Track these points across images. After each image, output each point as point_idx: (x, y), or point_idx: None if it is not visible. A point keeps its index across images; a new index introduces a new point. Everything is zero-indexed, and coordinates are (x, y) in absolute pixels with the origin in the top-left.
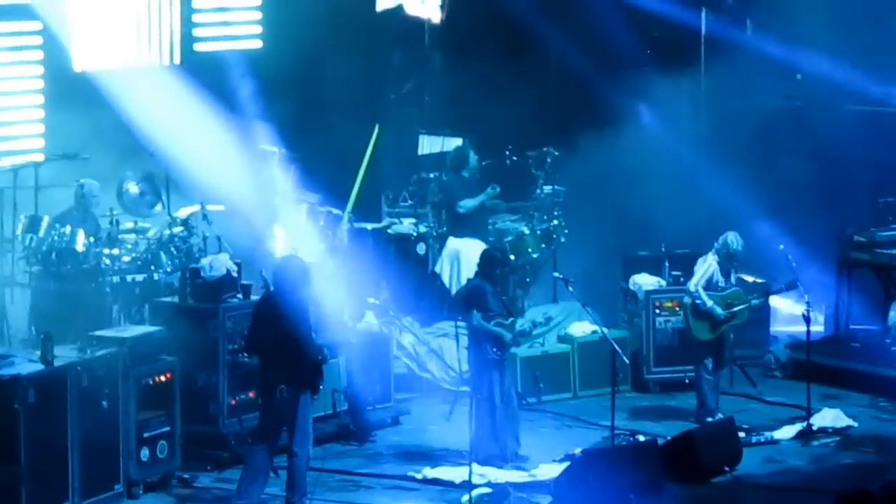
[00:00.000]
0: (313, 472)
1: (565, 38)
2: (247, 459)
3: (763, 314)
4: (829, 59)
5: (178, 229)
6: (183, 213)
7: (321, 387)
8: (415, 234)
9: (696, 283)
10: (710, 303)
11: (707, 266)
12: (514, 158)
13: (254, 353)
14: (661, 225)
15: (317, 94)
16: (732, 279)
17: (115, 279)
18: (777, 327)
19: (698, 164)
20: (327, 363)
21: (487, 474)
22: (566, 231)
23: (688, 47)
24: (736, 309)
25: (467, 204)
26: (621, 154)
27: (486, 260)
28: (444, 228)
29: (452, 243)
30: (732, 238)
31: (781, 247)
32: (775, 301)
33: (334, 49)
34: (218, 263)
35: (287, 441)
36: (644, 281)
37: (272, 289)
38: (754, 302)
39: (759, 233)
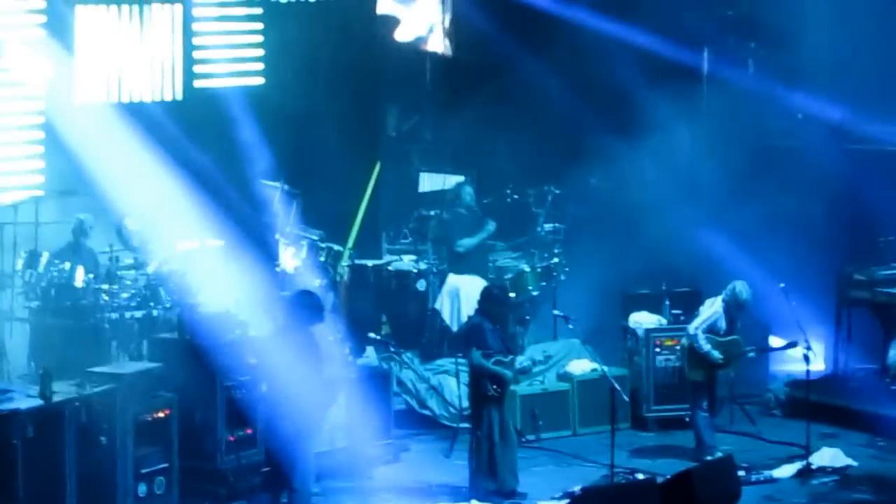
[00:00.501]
0: None
1: (567, 77)
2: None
3: (763, 355)
4: (829, 97)
5: (177, 265)
6: (182, 248)
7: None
8: (415, 270)
9: (696, 325)
10: (707, 347)
11: (713, 311)
12: (515, 196)
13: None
14: (661, 263)
15: (318, 130)
16: (738, 325)
17: (114, 315)
18: (776, 366)
19: (698, 202)
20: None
21: None
22: (566, 268)
23: (689, 86)
24: (731, 357)
25: (465, 243)
26: (622, 192)
27: (486, 297)
28: (445, 265)
29: (452, 280)
30: (741, 288)
31: (782, 285)
32: (774, 340)
33: (335, 85)
34: (216, 299)
35: (289, 476)
36: (644, 319)
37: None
38: (750, 354)
39: (760, 273)
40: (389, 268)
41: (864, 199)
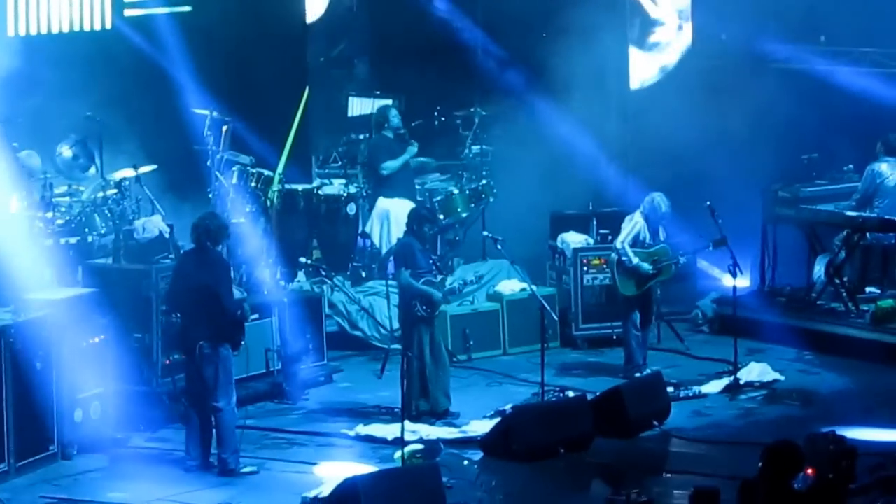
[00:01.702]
0: (247, 430)
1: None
2: (187, 421)
3: (690, 270)
4: (752, 19)
5: (111, 192)
6: (116, 175)
7: (243, 343)
8: (345, 194)
9: (622, 239)
10: (635, 259)
11: (633, 224)
12: (443, 119)
13: (176, 310)
14: (588, 184)
15: (247, 57)
16: (661, 236)
17: (49, 242)
18: (704, 283)
19: (624, 123)
20: (247, 320)
21: (419, 431)
22: (495, 190)
23: (613, 10)
24: (662, 265)
25: (389, 165)
26: (548, 114)
27: (414, 217)
28: (374, 189)
29: (382, 203)
30: (659, 199)
31: (707, 203)
32: (702, 258)
33: (264, 12)
34: (151, 225)
35: (209, 396)
36: (572, 239)
37: (192, 245)
38: (681, 260)
39: (685, 191)
40: (319, 192)
41: (788, 117)
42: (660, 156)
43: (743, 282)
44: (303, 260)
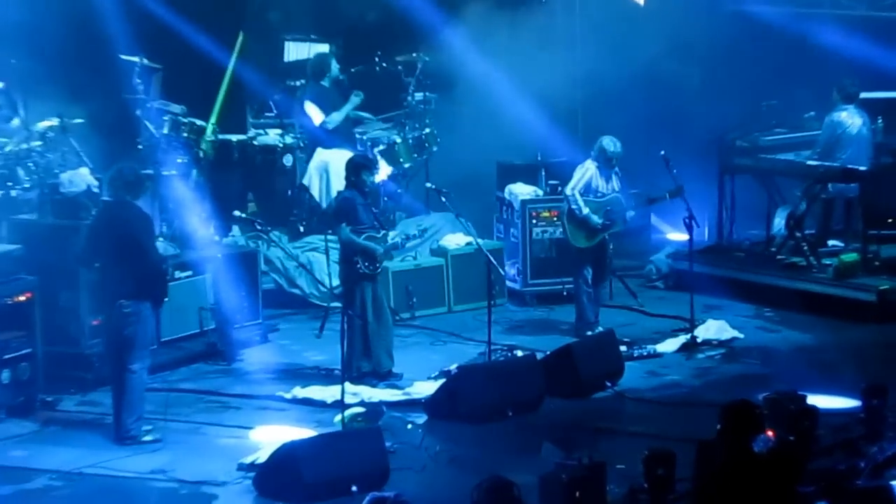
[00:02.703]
0: (180, 393)
1: None
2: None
3: (643, 223)
4: None
5: (35, 144)
6: (41, 126)
7: (166, 300)
8: (281, 145)
9: (572, 186)
10: (585, 209)
11: (584, 171)
12: (384, 65)
13: (90, 264)
14: (536, 133)
15: (177, 1)
16: (615, 185)
17: None
18: (658, 236)
19: (573, 67)
20: (171, 276)
21: (360, 393)
22: (439, 140)
23: None
24: (614, 216)
25: (333, 119)
26: (494, 59)
27: (353, 167)
28: (311, 139)
29: (320, 155)
30: (608, 141)
31: (662, 153)
32: (657, 212)
33: None
34: (78, 178)
35: (124, 357)
36: (520, 190)
37: (109, 198)
38: (631, 212)
39: (638, 140)
40: (254, 143)
41: (747, 62)
42: (612, 103)
43: (699, 235)
44: (237, 214)
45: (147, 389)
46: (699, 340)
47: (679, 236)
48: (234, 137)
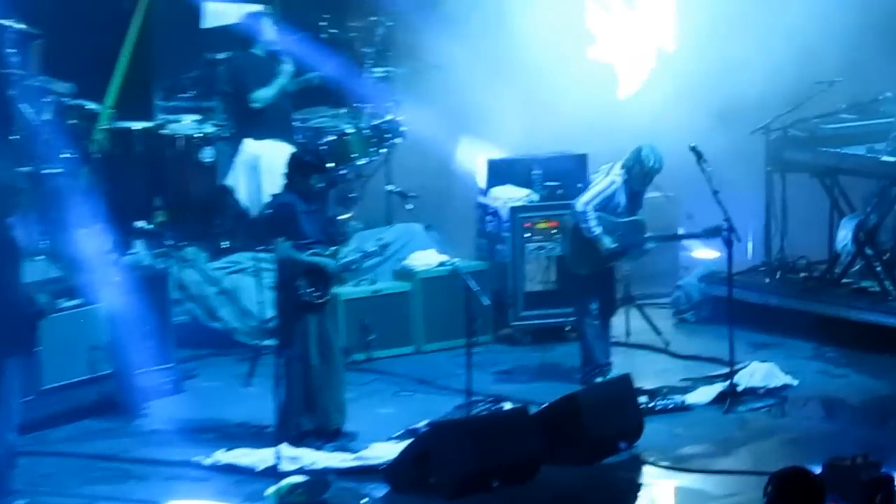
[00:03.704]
0: (65, 458)
1: None
2: None
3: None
4: None
5: None
6: None
7: (37, 349)
8: (199, 135)
9: (587, 200)
10: (598, 230)
11: (609, 183)
12: (333, 31)
13: None
14: (533, 118)
15: None
16: (641, 202)
17: None
18: (687, 254)
19: (584, 34)
20: (46, 316)
21: (301, 458)
22: (403, 129)
23: None
24: (630, 244)
25: (262, 95)
26: (477, 25)
27: (295, 166)
28: (238, 128)
29: (250, 147)
30: (648, 152)
31: (692, 146)
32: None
33: None
34: None
35: None
36: (509, 194)
37: None
38: (649, 245)
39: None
40: (164, 132)
41: (801, 25)
42: None
43: (741, 253)
44: (141, 225)
45: (17, 454)
46: (741, 389)
47: (715, 254)
48: (137, 125)
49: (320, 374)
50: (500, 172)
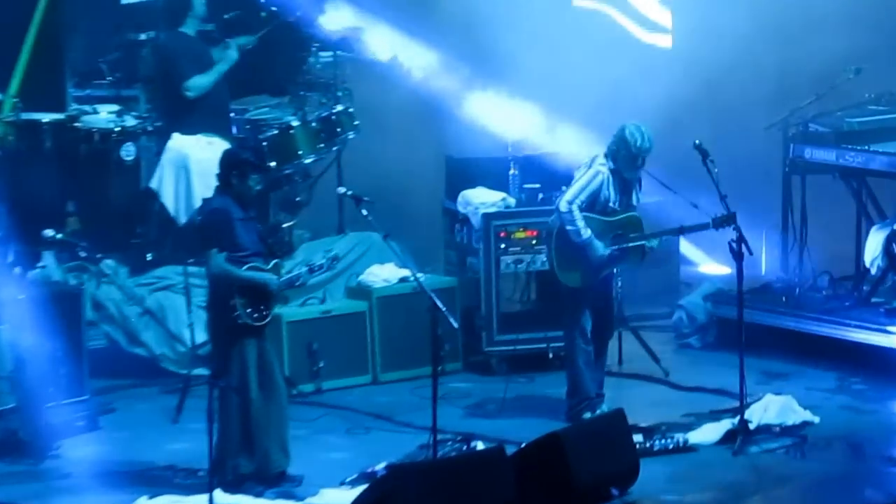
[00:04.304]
0: None
1: None
2: None
3: (669, 249)
4: None
5: None
6: None
7: None
8: (117, 129)
9: (570, 198)
10: (587, 232)
11: (593, 175)
12: (274, 8)
13: None
14: (508, 114)
15: None
16: (635, 197)
17: None
18: (690, 269)
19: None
20: None
21: None
22: (357, 122)
23: None
24: (629, 245)
25: (197, 83)
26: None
27: (230, 165)
28: (165, 120)
29: (178, 144)
30: (633, 131)
31: (696, 142)
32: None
33: None
34: None
35: None
36: (481, 198)
37: None
38: (651, 243)
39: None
40: (77, 125)
41: (818, 5)
42: None
43: (753, 268)
44: (50, 233)
45: None
46: (753, 426)
47: (722, 269)
48: (46, 117)
49: (261, 409)
50: (472, 172)
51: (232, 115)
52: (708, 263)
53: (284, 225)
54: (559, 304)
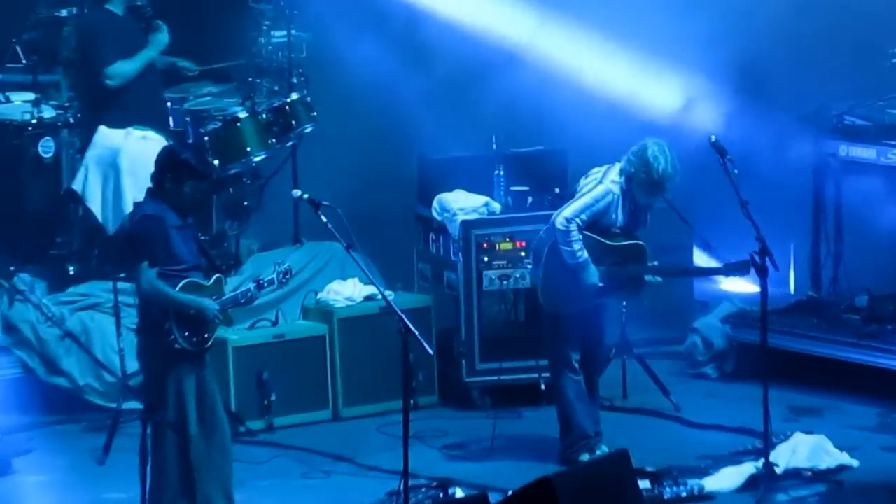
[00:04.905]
0: None
1: None
2: None
3: (681, 261)
4: None
5: None
6: None
7: None
8: (34, 120)
9: (571, 215)
10: (583, 255)
11: (602, 194)
12: None
13: None
14: (491, 102)
15: None
16: (643, 221)
17: None
18: (708, 285)
19: None
20: None
21: None
22: (315, 113)
23: None
24: (625, 277)
25: (121, 70)
26: None
27: (166, 166)
28: (90, 111)
29: (106, 138)
30: (657, 152)
31: (712, 137)
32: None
33: None
34: None
35: None
36: (460, 203)
37: None
38: (652, 278)
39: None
40: None
41: None
42: None
43: (779, 284)
44: None
45: None
46: (781, 470)
47: (743, 286)
48: None
49: (201, 449)
50: (449, 172)
51: (168, 104)
52: (726, 279)
53: (230, 234)
54: (546, 327)
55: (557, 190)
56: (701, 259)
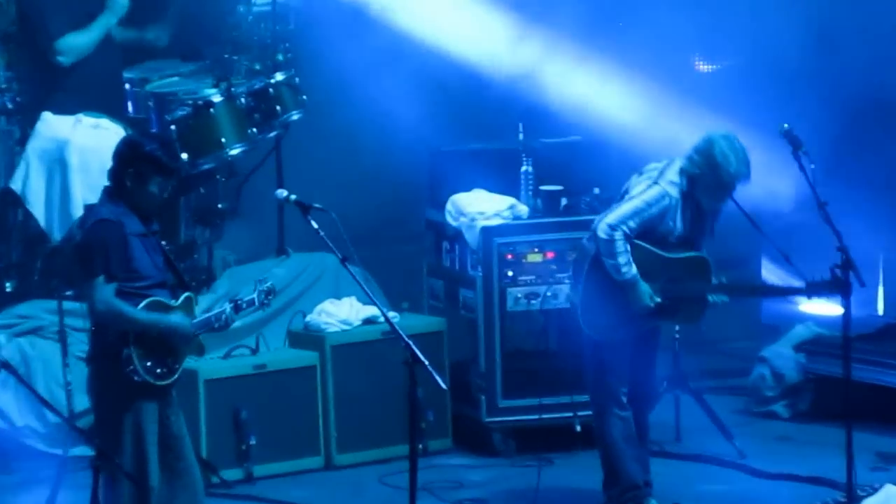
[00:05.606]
0: None
1: None
2: None
3: (750, 275)
4: None
5: None
6: None
7: None
8: None
9: (616, 221)
10: (630, 269)
11: (657, 196)
12: None
13: None
14: (513, 81)
15: None
16: (708, 229)
17: None
18: (780, 307)
19: None
20: None
21: None
22: (303, 97)
23: None
24: (683, 296)
25: (73, 43)
26: None
27: (127, 161)
28: (31, 94)
29: (51, 127)
30: (727, 149)
31: (784, 126)
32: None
33: None
34: None
35: None
36: (480, 206)
37: None
38: (717, 299)
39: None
40: None
41: None
42: None
43: (865, 303)
44: None
45: None
46: None
47: (822, 306)
48: None
49: (165, 499)
50: (464, 169)
51: (126, 86)
52: (807, 300)
53: (201, 243)
54: (585, 356)
55: (597, 190)
56: (773, 275)
